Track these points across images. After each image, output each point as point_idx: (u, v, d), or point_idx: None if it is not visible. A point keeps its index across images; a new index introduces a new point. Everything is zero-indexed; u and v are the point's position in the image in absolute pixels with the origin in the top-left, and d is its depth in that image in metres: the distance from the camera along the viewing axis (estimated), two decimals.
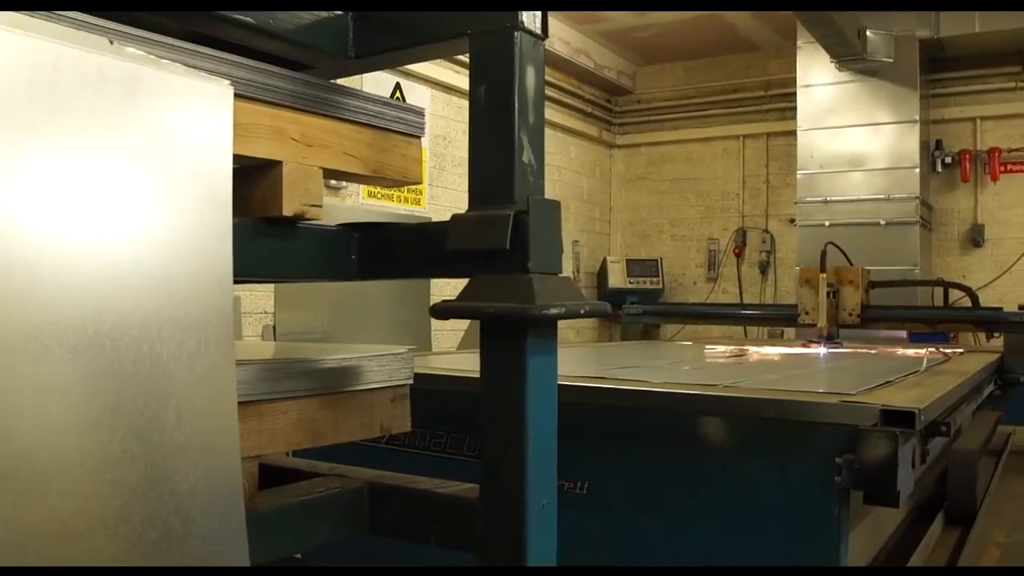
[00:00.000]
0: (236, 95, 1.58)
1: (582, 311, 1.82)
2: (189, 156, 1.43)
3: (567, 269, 11.87)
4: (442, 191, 9.63)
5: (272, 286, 7.39)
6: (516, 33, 1.80)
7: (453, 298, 1.86)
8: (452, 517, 1.98)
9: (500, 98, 1.82)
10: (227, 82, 1.54)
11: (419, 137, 2.21)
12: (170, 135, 1.40)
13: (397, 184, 2.27)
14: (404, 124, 2.17)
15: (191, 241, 1.42)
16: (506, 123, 1.81)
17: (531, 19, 1.82)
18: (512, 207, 1.78)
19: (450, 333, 9.35)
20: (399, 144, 2.16)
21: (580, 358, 5.29)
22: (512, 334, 1.79)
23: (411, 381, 2.18)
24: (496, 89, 1.83)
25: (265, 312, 7.65)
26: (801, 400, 2.91)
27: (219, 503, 1.44)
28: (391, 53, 2.12)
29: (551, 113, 11.55)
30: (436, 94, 9.60)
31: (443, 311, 1.85)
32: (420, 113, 2.21)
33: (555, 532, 1.84)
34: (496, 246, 1.76)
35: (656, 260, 12.56)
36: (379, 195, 8.91)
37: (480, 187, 1.87)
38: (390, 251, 2.09)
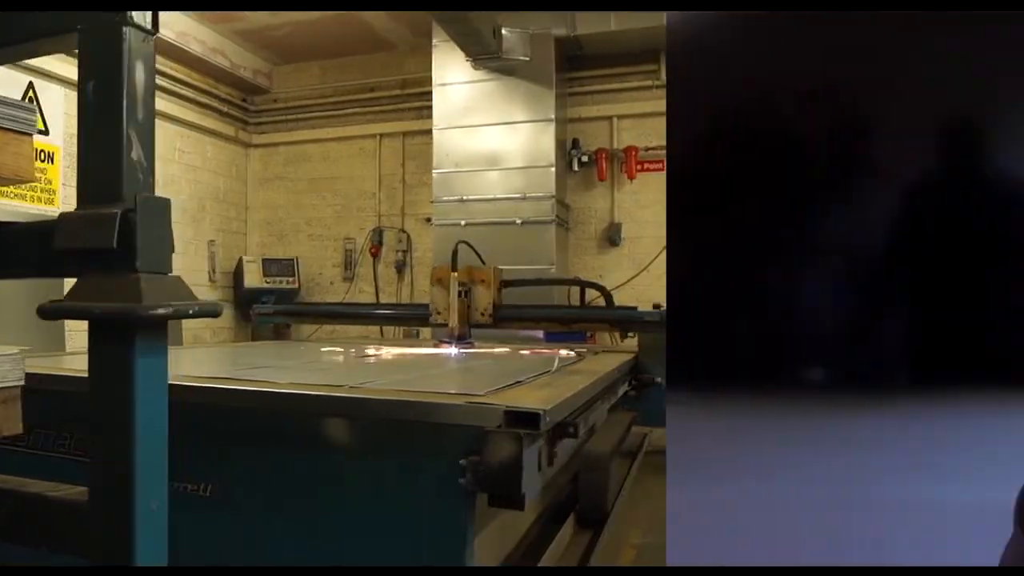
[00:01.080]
0: None
1: (191, 311, 1.89)
2: None
3: (203, 269, 11.93)
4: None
5: None
6: (125, 29, 1.85)
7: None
8: (63, 520, 1.99)
9: (109, 95, 1.86)
10: None
11: (31, 135, 2.21)
12: None
13: (11, 183, 2.25)
14: (14, 121, 2.15)
15: None
16: (115, 120, 1.85)
17: (141, 15, 1.88)
18: (120, 205, 1.82)
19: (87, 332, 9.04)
20: (11, 142, 2.14)
21: (212, 358, 5.29)
22: (120, 335, 1.83)
23: (22, 382, 2.17)
24: (105, 86, 1.87)
25: None
26: (427, 401, 2.97)
27: None
28: None
29: (187, 113, 11.63)
30: (71, 94, 9.18)
31: (50, 312, 1.87)
32: (31, 110, 2.19)
33: (165, 533, 1.90)
34: (103, 245, 1.80)
35: (292, 260, 12.67)
36: (11, 194, 8.55)
37: (89, 185, 1.90)
38: None
